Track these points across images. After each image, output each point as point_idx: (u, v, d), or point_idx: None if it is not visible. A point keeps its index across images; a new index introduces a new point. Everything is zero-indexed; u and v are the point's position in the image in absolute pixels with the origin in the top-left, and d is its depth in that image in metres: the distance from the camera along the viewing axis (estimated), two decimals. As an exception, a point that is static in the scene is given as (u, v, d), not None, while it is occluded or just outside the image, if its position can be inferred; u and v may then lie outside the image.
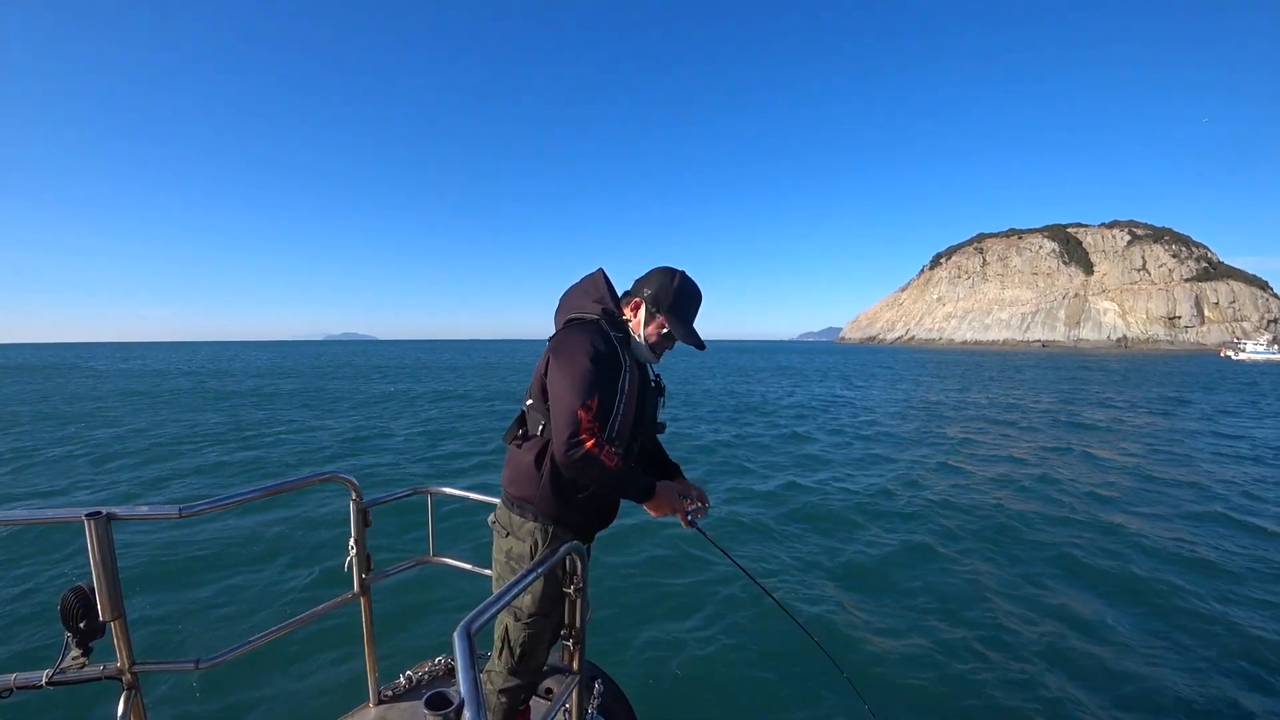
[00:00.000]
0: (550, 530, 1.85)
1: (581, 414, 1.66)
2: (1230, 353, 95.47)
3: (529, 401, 1.88)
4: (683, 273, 1.91)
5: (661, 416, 2.05)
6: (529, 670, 1.96)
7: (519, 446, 1.89)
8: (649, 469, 2.14)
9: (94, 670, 1.46)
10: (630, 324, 1.91)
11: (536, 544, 1.86)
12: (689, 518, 1.94)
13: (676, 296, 1.86)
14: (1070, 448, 12.64)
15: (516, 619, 1.87)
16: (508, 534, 1.91)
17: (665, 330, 1.87)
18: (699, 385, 28.83)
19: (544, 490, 1.83)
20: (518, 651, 1.90)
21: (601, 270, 1.98)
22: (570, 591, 1.80)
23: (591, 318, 1.87)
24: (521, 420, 1.91)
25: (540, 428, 1.83)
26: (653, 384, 1.99)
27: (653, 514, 1.85)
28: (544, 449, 1.83)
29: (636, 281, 1.94)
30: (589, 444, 1.65)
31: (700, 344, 1.91)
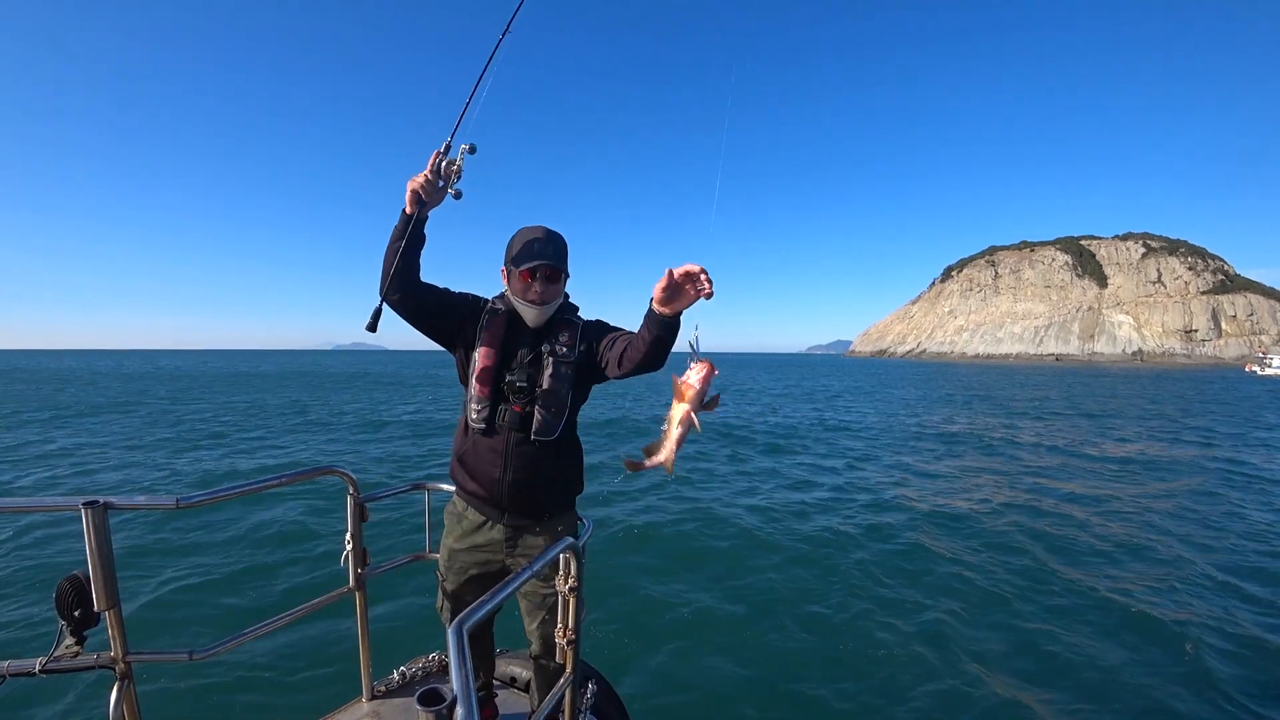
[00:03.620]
0: (453, 497, 2.07)
1: None
2: (1256, 368, 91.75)
3: None
4: (520, 229, 1.98)
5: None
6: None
7: None
8: None
9: (88, 659, 1.46)
10: (507, 292, 2.01)
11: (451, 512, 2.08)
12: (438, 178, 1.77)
13: (513, 246, 1.94)
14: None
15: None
16: None
17: (526, 282, 1.90)
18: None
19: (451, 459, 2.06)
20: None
21: None
22: (565, 591, 1.80)
23: None
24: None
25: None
26: (536, 343, 1.96)
27: (414, 193, 1.76)
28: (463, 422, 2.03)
29: None
30: None
31: (531, 265, 1.87)
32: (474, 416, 1.92)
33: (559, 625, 1.84)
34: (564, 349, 1.94)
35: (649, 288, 1.69)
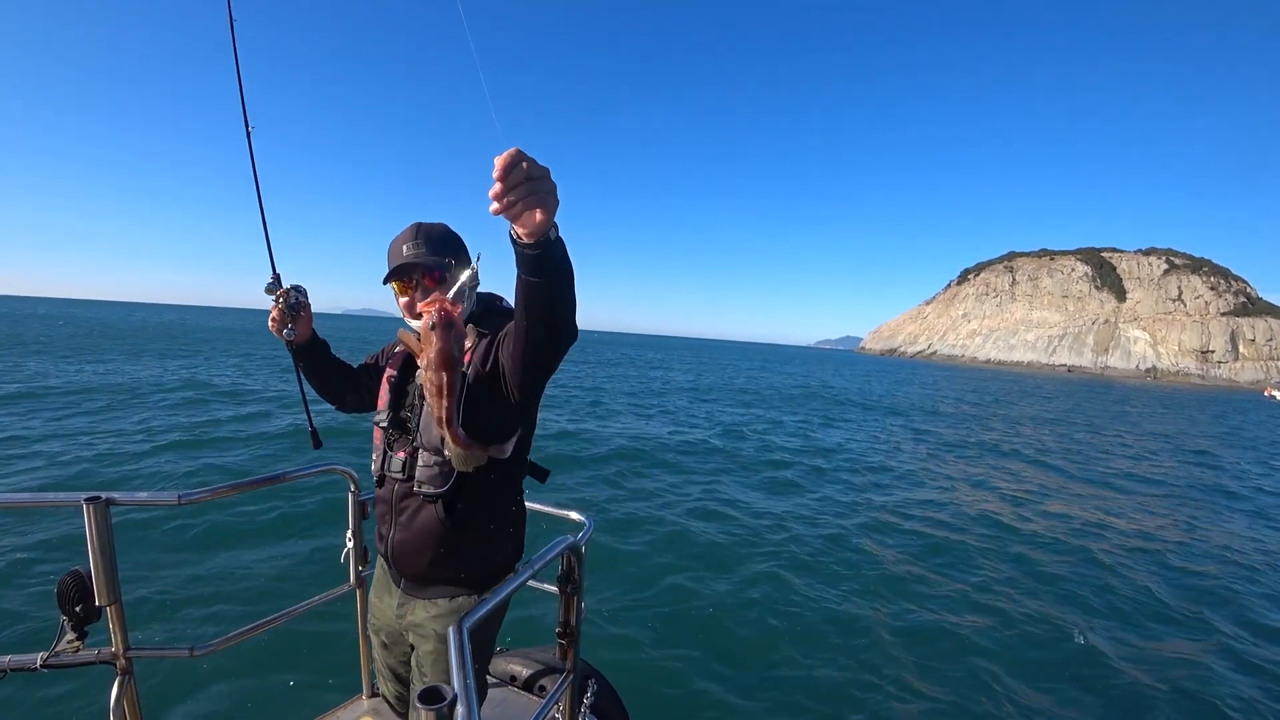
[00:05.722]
0: None
1: None
2: (1276, 393, 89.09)
3: None
4: None
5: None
6: None
7: None
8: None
9: (89, 654, 1.47)
10: None
11: None
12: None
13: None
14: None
15: None
16: None
17: (405, 295, 1.63)
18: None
19: None
20: None
21: None
22: (567, 590, 1.80)
23: None
24: None
25: None
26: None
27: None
28: None
29: None
30: None
31: (394, 271, 1.61)
32: (372, 466, 1.67)
33: (559, 624, 1.83)
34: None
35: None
